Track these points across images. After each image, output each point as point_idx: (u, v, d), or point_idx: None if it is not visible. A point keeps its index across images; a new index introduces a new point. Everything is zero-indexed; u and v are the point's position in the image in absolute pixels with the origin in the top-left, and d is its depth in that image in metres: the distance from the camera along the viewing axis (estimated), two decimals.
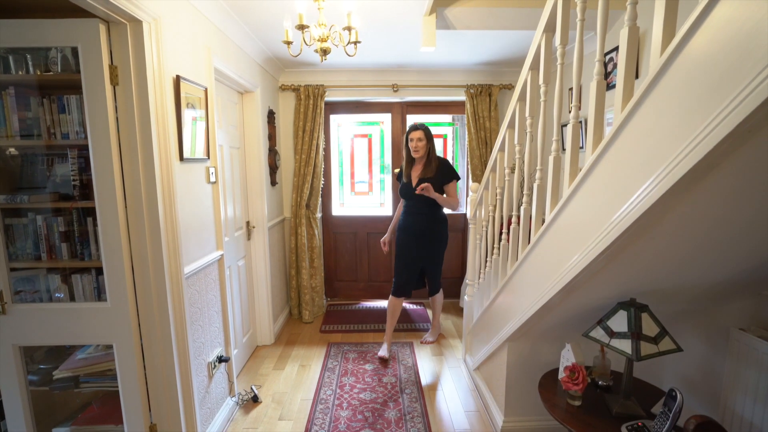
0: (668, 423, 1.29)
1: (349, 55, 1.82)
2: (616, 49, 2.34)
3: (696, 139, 0.85)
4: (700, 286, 1.49)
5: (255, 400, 2.44)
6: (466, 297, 2.89)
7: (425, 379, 2.69)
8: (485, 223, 2.48)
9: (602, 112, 1.24)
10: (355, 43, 1.78)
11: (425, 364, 2.91)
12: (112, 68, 1.53)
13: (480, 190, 2.57)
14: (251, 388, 2.49)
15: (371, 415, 2.30)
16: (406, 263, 2.88)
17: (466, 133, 3.61)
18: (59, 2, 1.38)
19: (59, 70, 1.64)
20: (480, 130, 3.56)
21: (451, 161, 4.09)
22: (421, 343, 3.20)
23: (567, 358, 1.68)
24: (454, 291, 4.06)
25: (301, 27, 1.58)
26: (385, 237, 3.08)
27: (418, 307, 4.02)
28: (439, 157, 2.82)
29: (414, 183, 2.74)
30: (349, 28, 1.64)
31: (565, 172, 1.41)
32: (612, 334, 1.47)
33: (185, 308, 1.82)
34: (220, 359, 2.21)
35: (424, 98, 3.75)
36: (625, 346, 1.41)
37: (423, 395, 2.50)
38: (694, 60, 0.86)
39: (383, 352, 2.94)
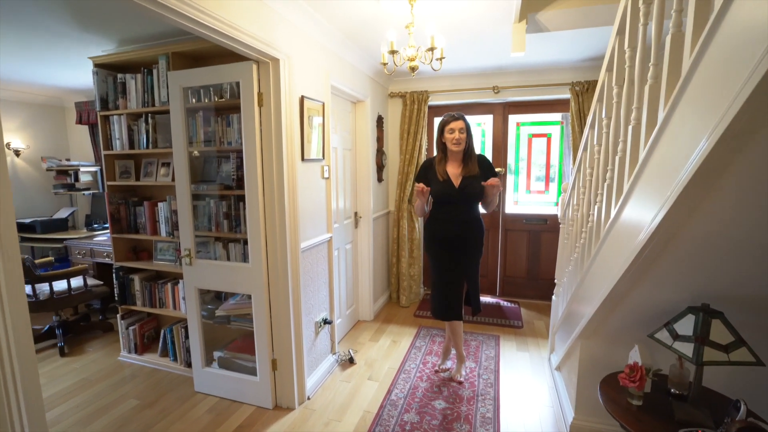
0: None
1: (434, 70, 2.10)
2: None
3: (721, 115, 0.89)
4: None
5: (351, 361, 2.92)
6: (554, 297, 2.88)
7: (505, 370, 2.80)
8: (572, 223, 2.47)
9: (656, 111, 1.27)
10: (440, 59, 2.05)
11: (508, 357, 3.00)
12: (260, 95, 2.12)
13: (569, 191, 2.56)
14: (349, 351, 2.98)
15: (446, 390, 2.55)
16: (450, 281, 2.49)
17: (571, 131, 3.50)
18: (227, 51, 2.01)
19: (228, 98, 2.34)
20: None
21: (556, 161, 4.02)
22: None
23: (633, 358, 1.66)
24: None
25: (392, 52, 1.93)
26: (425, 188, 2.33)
27: (512, 305, 4.04)
28: (477, 154, 2.48)
29: (456, 182, 2.39)
30: (431, 49, 1.93)
31: (626, 168, 1.45)
32: (676, 336, 1.44)
33: (300, 274, 2.36)
34: (325, 321, 2.74)
35: (526, 98, 3.75)
36: (687, 349, 1.38)
37: (499, 383, 2.63)
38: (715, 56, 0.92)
39: (457, 373, 2.65)
